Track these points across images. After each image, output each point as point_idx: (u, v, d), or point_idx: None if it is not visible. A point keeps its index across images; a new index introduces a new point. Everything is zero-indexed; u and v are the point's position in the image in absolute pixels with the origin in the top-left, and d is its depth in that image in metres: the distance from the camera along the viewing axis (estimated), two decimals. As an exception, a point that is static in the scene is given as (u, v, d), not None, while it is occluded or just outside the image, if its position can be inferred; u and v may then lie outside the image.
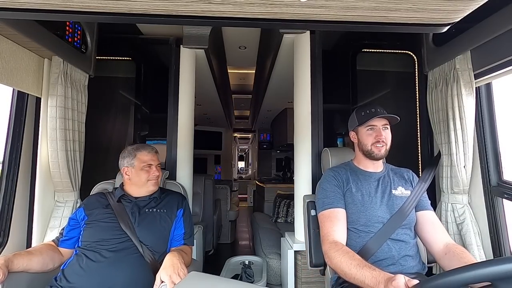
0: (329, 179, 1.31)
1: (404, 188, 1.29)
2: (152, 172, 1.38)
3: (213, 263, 2.89)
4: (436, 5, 0.80)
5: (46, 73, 1.52)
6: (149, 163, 1.39)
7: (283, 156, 6.11)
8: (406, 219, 1.20)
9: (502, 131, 1.56)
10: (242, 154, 13.69)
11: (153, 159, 1.41)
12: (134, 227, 1.28)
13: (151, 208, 1.36)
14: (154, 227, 1.32)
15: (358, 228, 1.21)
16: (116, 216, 1.30)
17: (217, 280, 1.01)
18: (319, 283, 1.67)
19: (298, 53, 1.89)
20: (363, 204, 1.23)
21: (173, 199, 1.45)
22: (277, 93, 3.31)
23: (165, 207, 1.39)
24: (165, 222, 1.36)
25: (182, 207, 1.45)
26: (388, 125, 1.28)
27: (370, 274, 0.92)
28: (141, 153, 1.40)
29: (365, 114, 1.29)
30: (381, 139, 1.25)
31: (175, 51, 1.99)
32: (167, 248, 1.34)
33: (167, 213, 1.38)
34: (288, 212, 3.32)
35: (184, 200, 1.49)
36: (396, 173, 1.36)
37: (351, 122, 1.37)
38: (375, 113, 1.26)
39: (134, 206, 1.34)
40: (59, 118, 1.49)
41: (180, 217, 1.42)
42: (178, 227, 1.40)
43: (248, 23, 0.93)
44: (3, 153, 1.46)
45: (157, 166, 1.42)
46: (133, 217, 1.31)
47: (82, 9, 0.83)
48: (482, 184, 1.58)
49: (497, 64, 1.39)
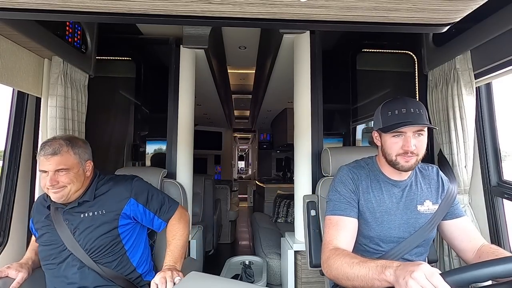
0: (346, 181, 1.10)
1: (432, 201, 1.08)
2: (48, 182, 1.10)
3: (213, 263, 2.89)
4: (436, 5, 0.80)
5: (46, 73, 1.52)
6: (42, 169, 1.12)
7: (283, 156, 6.12)
8: (426, 238, 1.06)
9: (502, 131, 1.56)
10: (242, 154, 13.68)
11: (47, 164, 1.11)
12: (75, 237, 1.15)
13: (84, 213, 1.18)
14: (94, 232, 1.16)
15: (367, 244, 1.08)
16: (55, 228, 1.16)
17: (217, 280, 1.01)
18: (319, 283, 1.67)
19: (298, 53, 1.88)
20: (377, 219, 1.05)
21: (115, 193, 1.23)
22: (277, 93, 3.31)
23: (103, 207, 1.19)
24: (107, 224, 1.18)
25: (131, 196, 1.23)
26: (423, 131, 1.00)
27: (374, 264, 0.79)
28: (38, 153, 1.13)
29: (392, 115, 1.00)
30: (410, 150, 0.98)
31: (175, 51, 1.98)
32: (123, 247, 1.22)
33: (106, 215, 1.19)
34: (288, 212, 3.32)
35: (131, 185, 1.26)
36: (425, 177, 1.13)
37: (375, 119, 1.10)
38: (404, 118, 0.97)
39: (67, 214, 1.18)
40: (59, 118, 1.49)
41: (136, 206, 1.23)
42: (144, 214, 1.25)
43: (248, 23, 0.93)
44: (3, 153, 1.46)
45: (55, 174, 1.11)
46: (69, 227, 1.16)
47: (82, 9, 0.83)
48: (482, 184, 1.58)
49: (497, 64, 1.39)
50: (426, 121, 0.99)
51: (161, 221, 1.28)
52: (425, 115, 1.01)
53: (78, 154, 1.18)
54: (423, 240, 1.06)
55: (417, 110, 0.99)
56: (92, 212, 1.18)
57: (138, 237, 1.30)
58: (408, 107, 0.99)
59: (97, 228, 1.17)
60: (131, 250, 1.25)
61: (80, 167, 1.19)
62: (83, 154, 1.21)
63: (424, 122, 0.98)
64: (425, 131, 1.01)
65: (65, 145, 1.15)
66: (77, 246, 1.15)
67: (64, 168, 1.13)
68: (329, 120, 2.04)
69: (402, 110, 0.99)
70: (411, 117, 0.97)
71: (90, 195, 1.21)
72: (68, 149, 1.15)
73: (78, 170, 1.17)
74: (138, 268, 1.26)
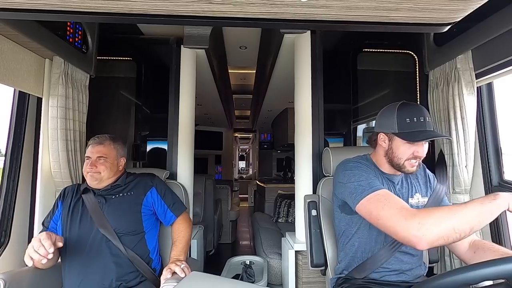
0: (361, 165, 1.10)
1: (421, 194, 1.16)
2: (88, 165, 1.33)
3: (214, 263, 2.90)
4: (437, 5, 0.80)
5: (47, 73, 1.52)
6: (87, 155, 1.36)
7: (283, 156, 6.11)
8: None
9: (503, 131, 1.55)
10: (243, 154, 13.69)
11: (92, 151, 1.36)
12: (105, 215, 1.30)
13: (116, 194, 1.37)
14: (122, 209, 1.34)
15: (371, 234, 1.11)
16: (87, 208, 1.32)
17: (218, 280, 1.01)
18: (319, 283, 1.67)
19: (298, 53, 1.88)
20: None
21: (141, 181, 1.44)
22: (278, 93, 3.31)
23: (132, 190, 1.39)
24: (134, 204, 1.37)
25: (153, 185, 1.44)
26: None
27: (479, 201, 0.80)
28: (88, 144, 1.40)
29: (411, 123, 1.03)
30: (420, 156, 1.05)
31: (176, 51, 1.99)
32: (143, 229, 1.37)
33: (133, 196, 1.38)
34: (289, 212, 3.32)
35: (154, 179, 1.47)
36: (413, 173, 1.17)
37: (387, 120, 1.10)
38: (423, 127, 1.01)
39: (99, 197, 1.35)
40: (60, 118, 1.49)
41: (156, 195, 1.42)
42: (160, 205, 1.42)
43: (249, 23, 0.93)
44: (4, 153, 1.47)
45: (96, 160, 1.34)
46: (101, 206, 1.32)
47: (82, 10, 0.83)
48: (483, 184, 1.58)
49: (498, 63, 1.38)
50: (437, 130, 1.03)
51: (172, 214, 1.44)
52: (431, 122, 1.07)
53: (117, 149, 1.42)
54: None
55: (427, 118, 1.04)
56: (122, 194, 1.38)
57: (154, 226, 1.45)
58: (424, 115, 1.03)
59: (124, 206, 1.35)
60: (149, 235, 1.40)
61: (116, 159, 1.40)
62: (121, 150, 1.44)
63: (437, 131, 1.02)
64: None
65: (109, 139, 1.40)
66: (106, 222, 1.29)
67: (103, 156, 1.35)
68: (330, 120, 2.04)
69: (420, 118, 1.02)
70: (428, 126, 1.02)
71: (122, 181, 1.41)
72: (110, 142, 1.40)
73: (114, 162, 1.39)
74: (151, 254, 1.40)
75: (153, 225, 1.44)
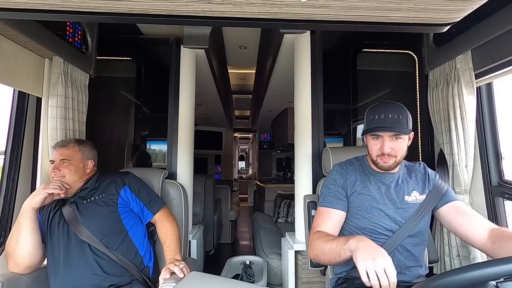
0: (335, 176, 1.20)
1: (419, 192, 1.16)
2: (51, 169, 1.30)
3: (214, 263, 2.89)
4: (436, 5, 0.80)
5: (47, 73, 1.52)
6: (51, 159, 1.33)
7: (283, 156, 6.11)
8: (417, 228, 1.11)
9: (503, 131, 1.55)
10: (243, 154, 13.68)
11: (55, 155, 1.32)
12: (81, 221, 1.26)
13: (87, 199, 1.32)
14: (96, 212, 1.29)
15: (363, 234, 1.11)
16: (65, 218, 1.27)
17: (217, 280, 1.02)
18: (319, 283, 1.67)
19: (298, 53, 1.88)
20: (366, 208, 1.13)
21: (113, 181, 1.38)
22: (278, 93, 3.31)
23: (104, 192, 1.34)
24: (107, 205, 1.31)
25: (126, 183, 1.38)
26: (400, 135, 1.08)
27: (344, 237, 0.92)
28: (52, 148, 1.36)
29: (372, 120, 1.11)
30: (386, 153, 1.09)
31: (176, 51, 1.99)
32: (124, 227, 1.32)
33: (105, 197, 1.33)
34: (289, 212, 3.32)
35: (127, 176, 1.41)
36: (412, 172, 1.21)
37: (364, 122, 1.20)
38: (381, 123, 1.08)
39: (71, 204, 1.30)
40: (59, 118, 1.49)
41: (130, 193, 1.37)
42: (135, 202, 1.37)
43: (249, 23, 0.93)
44: (4, 153, 1.47)
45: (60, 163, 1.30)
46: (75, 212, 1.28)
47: (82, 9, 0.83)
48: (483, 184, 1.58)
49: (498, 64, 1.39)
50: (404, 126, 1.08)
51: (148, 212, 1.39)
52: (406, 120, 1.09)
53: (82, 151, 1.37)
54: (415, 229, 1.10)
55: (396, 115, 1.08)
56: (94, 197, 1.33)
57: (138, 222, 1.39)
58: (387, 113, 1.09)
59: (98, 209, 1.30)
60: (133, 232, 1.34)
61: (82, 162, 1.36)
62: (87, 153, 1.40)
63: (401, 127, 1.07)
64: (402, 137, 1.09)
65: (73, 142, 1.38)
66: (84, 229, 1.25)
67: (67, 159, 1.31)
68: (330, 120, 2.04)
69: (381, 115, 1.09)
70: (388, 122, 1.08)
71: (91, 184, 1.36)
72: (74, 145, 1.36)
73: (78, 164, 1.34)
74: (140, 251, 1.34)
75: (136, 221, 1.39)
